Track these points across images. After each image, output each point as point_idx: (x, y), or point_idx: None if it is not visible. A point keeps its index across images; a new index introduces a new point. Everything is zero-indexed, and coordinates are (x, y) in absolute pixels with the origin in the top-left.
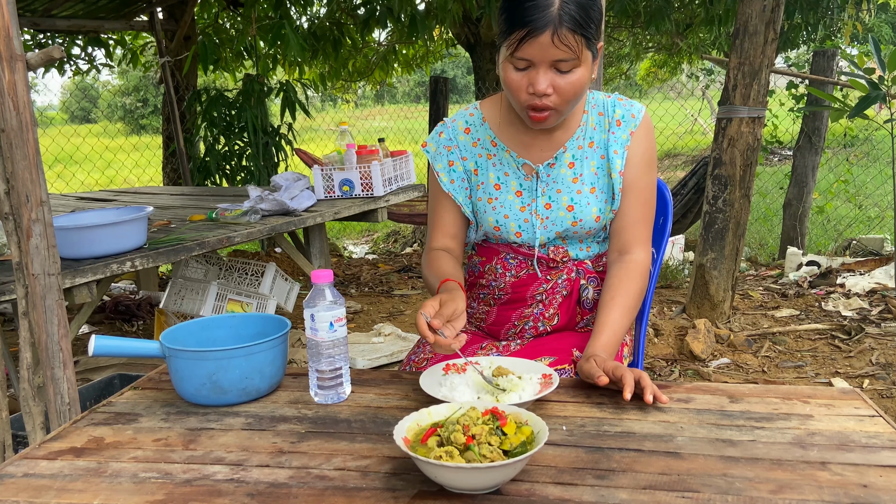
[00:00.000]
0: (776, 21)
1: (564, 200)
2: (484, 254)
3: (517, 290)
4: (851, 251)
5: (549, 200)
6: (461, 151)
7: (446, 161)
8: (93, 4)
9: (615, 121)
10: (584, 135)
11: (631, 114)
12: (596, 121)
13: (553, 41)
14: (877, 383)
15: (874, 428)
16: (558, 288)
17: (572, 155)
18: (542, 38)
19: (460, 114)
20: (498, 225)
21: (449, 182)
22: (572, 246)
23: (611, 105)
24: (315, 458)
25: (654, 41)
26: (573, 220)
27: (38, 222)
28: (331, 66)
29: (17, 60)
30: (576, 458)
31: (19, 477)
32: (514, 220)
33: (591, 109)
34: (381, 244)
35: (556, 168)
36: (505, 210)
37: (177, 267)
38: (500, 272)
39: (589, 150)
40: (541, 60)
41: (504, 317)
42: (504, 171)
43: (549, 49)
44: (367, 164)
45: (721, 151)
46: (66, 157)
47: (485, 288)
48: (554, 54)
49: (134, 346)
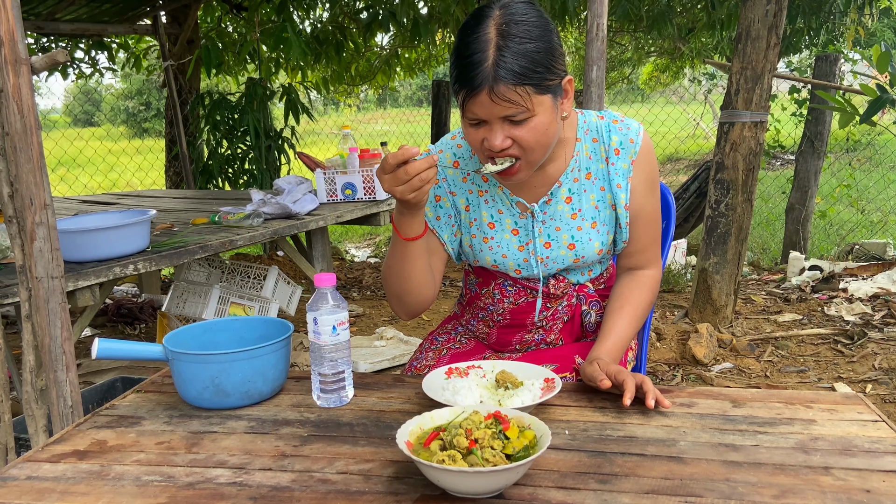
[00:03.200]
0: (779, 26)
1: (565, 239)
2: (480, 275)
3: (516, 317)
4: (854, 256)
5: (548, 239)
6: (449, 186)
7: (433, 195)
8: (96, 8)
9: (613, 150)
10: (578, 166)
11: (629, 139)
12: (591, 148)
13: (492, 99)
14: (880, 388)
15: (877, 433)
16: (559, 314)
17: (569, 189)
18: (481, 97)
19: (446, 143)
20: (496, 264)
21: (434, 218)
22: (573, 275)
23: (605, 130)
24: (317, 461)
25: (656, 45)
26: (575, 258)
27: (41, 225)
28: (333, 70)
29: (22, 64)
30: (578, 462)
31: (22, 480)
32: (513, 260)
33: (584, 136)
34: (383, 248)
35: (552, 205)
36: (502, 250)
37: (179, 270)
38: (499, 298)
39: (586, 182)
40: (489, 117)
41: (505, 339)
42: (497, 209)
43: (492, 106)
44: (369, 168)
45: (723, 156)
46: (69, 160)
47: (483, 310)
48: (498, 111)
49: (137, 349)
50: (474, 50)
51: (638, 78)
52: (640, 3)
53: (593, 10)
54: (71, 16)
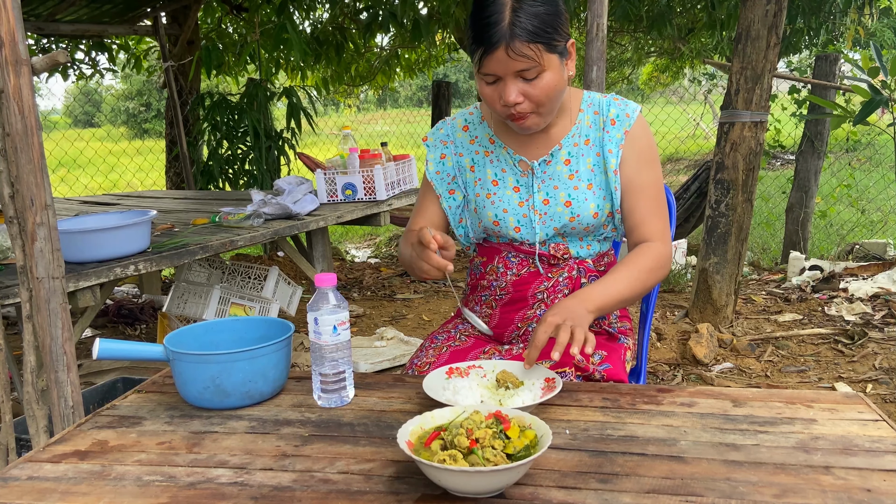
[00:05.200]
0: (778, 25)
1: (562, 196)
2: (485, 254)
3: (518, 289)
4: (854, 256)
5: (546, 196)
6: (457, 147)
7: (439, 154)
8: (97, 9)
9: (609, 120)
10: (579, 132)
11: (626, 113)
12: (591, 119)
13: (508, 54)
14: (880, 388)
15: (878, 432)
16: (559, 286)
17: (568, 152)
18: (498, 53)
19: (461, 113)
20: (497, 220)
21: (434, 172)
22: (573, 244)
23: (606, 104)
24: (318, 461)
25: (656, 46)
26: (571, 216)
27: (42, 226)
28: (333, 71)
29: (23, 65)
30: (579, 462)
31: (24, 480)
32: (513, 215)
33: (587, 108)
34: (383, 248)
35: (552, 165)
36: (504, 204)
37: (180, 271)
38: (502, 271)
39: (585, 147)
40: (504, 73)
41: (507, 318)
42: (501, 168)
43: (508, 62)
44: (369, 168)
45: (723, 156)
46: (69, 160)
47: (486, 289)
48: (513, 66)
49: (138, 349)
50: (492, 11)
51: (638, 78)
52: (640, 3)
53: (593, 11)
54: (71, 17)
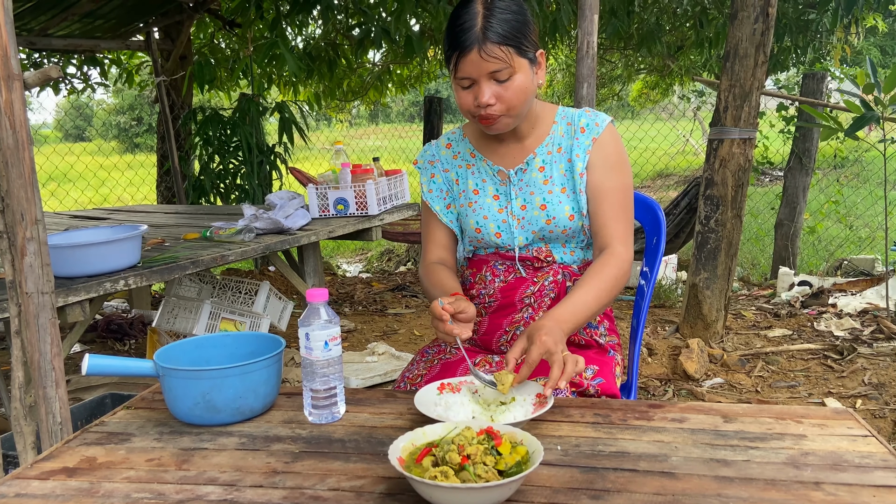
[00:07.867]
0: (766, 44)
1: (538, 201)
2: (473, 266)
3: (506, 295)
4: (843, 271)
5: (524, 202)
6: (443, 164)
7: (429, 174)
8: (89, 24)
9: (580, 128)
10: (552, 142)
11: (595, 122)
12: (564, 129)
13: (481, 55)
14: (869, 403)
15: (867, 448)
16: (546, 290)
17: (542, 160)
18: (472, 55)
19: (445, 134)
20: (479, 226)
21: (427, 191)
22: (556, 249)
23: (577, 115)
24: (309, 478)
25: (645, 63)
26: (547, 219)
27: (32, 241)
28: (325, 86)
29: (15, 80)
30: (571, 478)
31: (11, 497)
32: (493, 221)
33: (561, 120)
34: (374, 263)
35: (527, 172)
36: (484, 212)
37: (170, 285)
38: (490, 279)
39: (557, 154)
40: (478, 75)
41: (496, 324)
42: (482, 178)
43: (481, 63)
44: (361, 183)
45: (713, 172)
46: (60, 175)
47: (475, 298)
48: (486, 67)
49: (127, 365)
50: (465, 19)
51: (628, 95)
52: (630, 21)
53: (583, 28)
54: (63, 31)
